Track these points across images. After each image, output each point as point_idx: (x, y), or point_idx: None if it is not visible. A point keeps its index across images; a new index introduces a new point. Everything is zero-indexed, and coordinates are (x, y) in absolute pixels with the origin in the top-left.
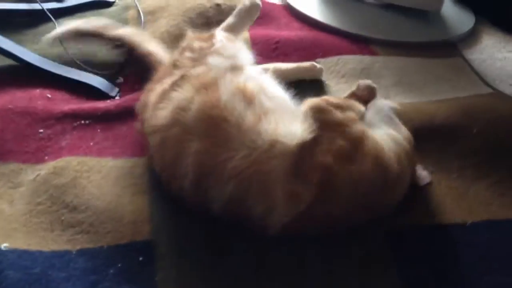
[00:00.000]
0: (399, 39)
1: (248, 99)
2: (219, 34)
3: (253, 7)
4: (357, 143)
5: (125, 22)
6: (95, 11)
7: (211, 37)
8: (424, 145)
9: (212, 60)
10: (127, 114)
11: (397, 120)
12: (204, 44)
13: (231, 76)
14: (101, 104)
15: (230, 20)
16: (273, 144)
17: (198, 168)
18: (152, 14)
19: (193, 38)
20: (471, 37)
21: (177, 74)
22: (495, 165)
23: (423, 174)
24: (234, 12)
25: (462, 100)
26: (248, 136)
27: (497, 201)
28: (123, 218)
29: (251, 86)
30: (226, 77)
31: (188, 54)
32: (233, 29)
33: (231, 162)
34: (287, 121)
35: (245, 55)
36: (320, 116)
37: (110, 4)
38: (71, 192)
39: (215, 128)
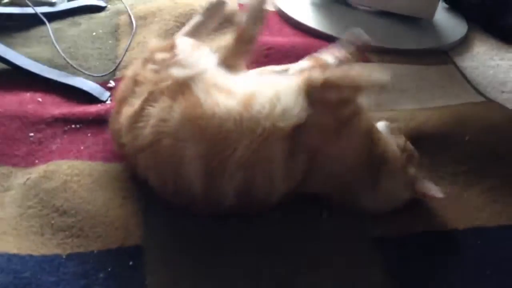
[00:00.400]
0: (392, 46)
1: (225, 91)
2: (181, 42)
3: (218, 4)
4: (346, 122)
5: (116, 27)
6: (87, 16)
7: (173, 46)
8: (416, 151)
9: (175, 71)
10: None
11: (392, 135)
12: (166, 55)
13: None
14: (92, 109)
15: (194, 21)
16: (271, 130)
17: (204, 170)
18: (144, 19)
19: (154, 50)
20: (463, 44)
21: (143, 91)
22: (487, 172)
23: (432, 187)
24: (200, 12)
25: (455, 107)
26: (245, 126)
27: (489, 208)
28: (113, 223)
29: (221, 78)
30: (195, 79)
31: (150, 66)
32: (196, 32)
33: (235, 154)
34: (278, 100)
35: (209, 60)
36: (314, 94)
37: (101, 9)
38: (61, 196)
39: (206, 127)
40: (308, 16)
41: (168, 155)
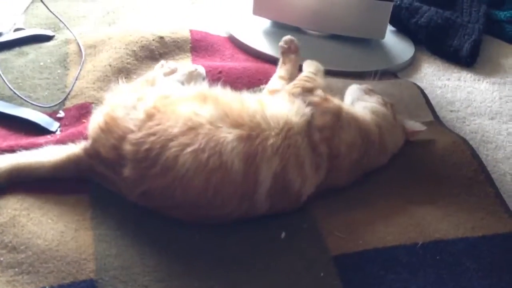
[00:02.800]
0: (342, 68)
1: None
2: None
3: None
4: (338, 114)
5: (65, 56)
6: (35, 45)
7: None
8: (371, 174)
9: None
10: None
11: (367, 95)
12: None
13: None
14: (41, 140)
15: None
16: (290, 123)
17: (244, 156)
18: (93, 47)
19: None
20: (411, 65)
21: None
22: (438, 192)
23: (415, 124)
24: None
25: None
26: (269, 119)
27: (446, 221)
28: (66, 257)
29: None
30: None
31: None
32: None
33: (269, 140)
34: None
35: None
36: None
37: (49, 38)
38: (10, 231)
39: (238, 117)
40: (259, 41)
41: (206, 140)
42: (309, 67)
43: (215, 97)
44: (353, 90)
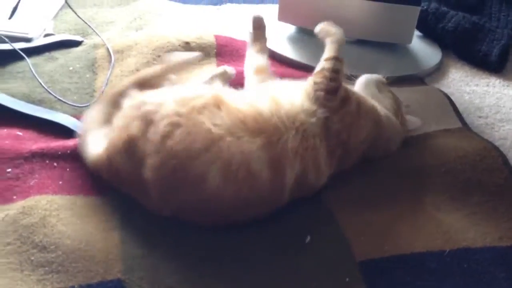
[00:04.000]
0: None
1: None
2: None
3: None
4: (358, 112)
5: (93, 61)
6: (64, 50)
7: None
8: (397, 181)
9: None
10: None
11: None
12: None
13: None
14: (70, 142)
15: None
16: (306, 122)
17: (270, 164)
18: (121, 52)
19: None
20: (438, 71)
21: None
22: (466, 200)
23: (413, 119)
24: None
25: (431, 136)
26: (285, 119)
27: (473, 229)
28: (94, 257)
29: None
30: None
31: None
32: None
33: (288, 143)
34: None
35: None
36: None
37: (78, 44)
38: (40, 231)
39: (255, 122)
40: (284, 46)
41: (231, 153)
42: (333, 48)
43: (226, 102)
44: (366, 81)
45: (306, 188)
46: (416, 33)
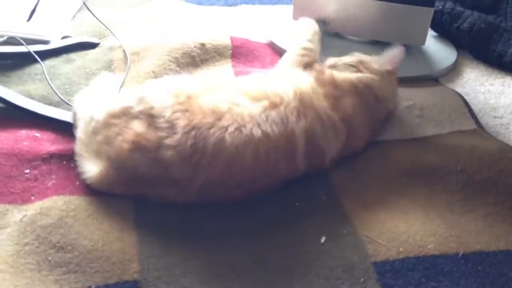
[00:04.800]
0: None
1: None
2: None
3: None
4: (334, 82)
5: (110, 63)
6: (81, 52)
7: None
8: (411, 182)
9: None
10: None
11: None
12: None
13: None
14: None
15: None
16: (298, 91)
17: (278, 121)
18: (137, 54)
19: None
20: (453, 71)
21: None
22: (481, 200)
23: (388, 53)
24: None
25: (446, 137)
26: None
27: (488, 232)
28: (111, 257)
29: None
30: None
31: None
32: None
33: (290, 104)
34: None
35: None
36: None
37: (94, 46)
38: (58, 232)
39: (256, 91)
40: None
41: (241, 118)
42: (304, 30)
43: (222, 84)
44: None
45: (318, 154)
46: (431, 33)
